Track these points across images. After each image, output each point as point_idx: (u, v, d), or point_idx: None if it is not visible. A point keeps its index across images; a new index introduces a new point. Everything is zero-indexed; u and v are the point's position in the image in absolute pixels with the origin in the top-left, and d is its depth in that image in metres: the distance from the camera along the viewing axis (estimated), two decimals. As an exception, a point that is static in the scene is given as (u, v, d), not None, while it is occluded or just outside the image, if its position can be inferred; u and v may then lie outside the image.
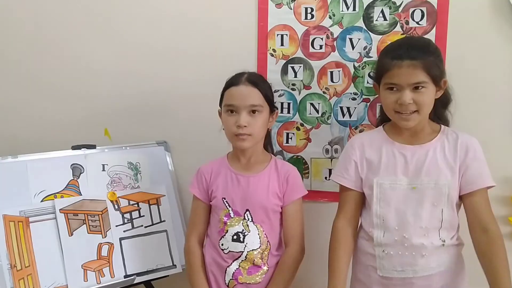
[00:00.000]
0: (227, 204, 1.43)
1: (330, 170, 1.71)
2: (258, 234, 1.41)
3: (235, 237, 1.41)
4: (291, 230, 1.44)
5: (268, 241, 1.42)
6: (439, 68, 1.26)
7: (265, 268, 1.42)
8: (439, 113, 1.39)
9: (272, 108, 1.45)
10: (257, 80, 1.42)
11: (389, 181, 1.32)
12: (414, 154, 1.31)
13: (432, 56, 1.26)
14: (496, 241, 1.27)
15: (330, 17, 1.64)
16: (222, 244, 1.43)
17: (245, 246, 1.40)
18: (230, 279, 1.41)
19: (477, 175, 1.29)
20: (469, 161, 1.29)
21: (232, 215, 1.42)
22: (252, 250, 1.40)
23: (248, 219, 1.41)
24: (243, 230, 1.41)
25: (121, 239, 1.65)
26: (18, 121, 1.99)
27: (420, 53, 1.24)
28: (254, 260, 1.40)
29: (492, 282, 1.23)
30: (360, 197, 1.39)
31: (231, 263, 1.41)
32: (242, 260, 1.41)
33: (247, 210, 1.41)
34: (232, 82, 1.42)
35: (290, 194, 1.43)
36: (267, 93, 1.43)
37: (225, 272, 1.42)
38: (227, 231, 1.42)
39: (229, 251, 1.42)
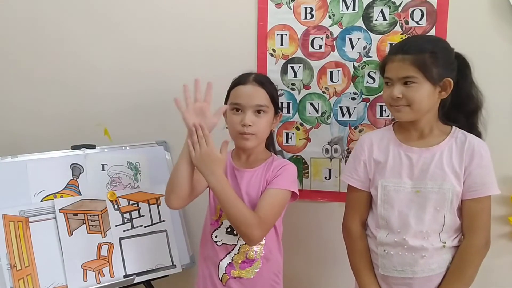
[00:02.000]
0: None
1: (330, 170, 1.71)
2: None
3: (229, 229, 1.41)
4: (259, 207, 1.34)
5: None
6: (435, 66, 1.23)
7: (259, 262, 1.41)
8: (450, 115, 1.34)
9: (277, 110, 1.46)
10: (264, 81, 1.43)
11: (394, 183, 1.32)
12: (420, 157, 1.30)
13: (429, 53, 1.23)
14: (472, 252, 1.27)
15: (329, 17, 1.64)
16: (216, 236, 1.43)
17: (238, 239, 1.40)
18: (223, 273, 1.42)
19: (479, 183, 1.27)
20: (473, 167, 1.26)
21: None
22: (245, 243, 1.39)
23: None
24: None
25: (120, 239, 1.65)
26: (17, 120, 1.99)
27: (414, 49, 1.24)
28: (247, 254, 1.40)
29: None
30: (370, 197, 1.39)
31: (224, 257, 1.41)
32: (235, 254, 1.41)
33: None
34: (240, 81, 1.43)
35: (273, 181, 1.38)
36: (273, 94, 1.43)
37: (218, 266, 1.42)
38: (222, 223, 1.42)
39: (223, 243, 1.42)
